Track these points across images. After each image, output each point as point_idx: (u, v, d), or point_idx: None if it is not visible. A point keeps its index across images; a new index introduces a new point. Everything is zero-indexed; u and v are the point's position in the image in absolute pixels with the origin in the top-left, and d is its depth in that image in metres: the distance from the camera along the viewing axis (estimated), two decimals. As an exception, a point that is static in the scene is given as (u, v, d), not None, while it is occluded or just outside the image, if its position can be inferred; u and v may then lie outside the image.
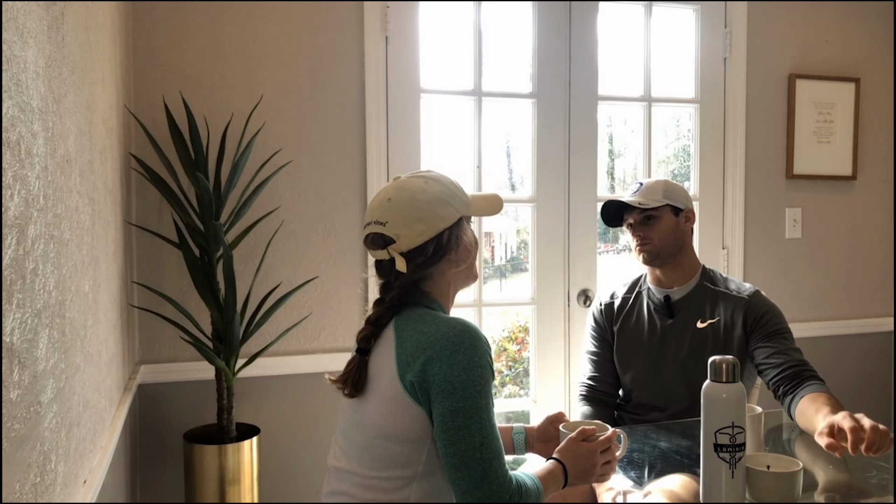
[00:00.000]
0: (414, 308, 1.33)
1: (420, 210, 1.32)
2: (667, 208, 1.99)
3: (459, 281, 1.42)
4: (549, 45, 2.74)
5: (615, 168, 3.23)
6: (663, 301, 2.02)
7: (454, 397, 1.20)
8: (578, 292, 2.80)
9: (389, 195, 1.34)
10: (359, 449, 1.30)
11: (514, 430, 1.59)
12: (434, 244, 1.33)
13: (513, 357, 3.89)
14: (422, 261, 1.33)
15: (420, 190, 1.33)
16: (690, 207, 2.04)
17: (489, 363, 1.25)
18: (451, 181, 1.39)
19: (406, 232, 1.31)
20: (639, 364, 2.02)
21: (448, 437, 1.21)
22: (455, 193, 1.37)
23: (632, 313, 2.07)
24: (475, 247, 1.42)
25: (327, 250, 2.48)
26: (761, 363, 1.88)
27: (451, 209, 1.35)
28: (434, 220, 1.32)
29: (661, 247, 1.98)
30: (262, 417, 2.41)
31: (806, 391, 1.73)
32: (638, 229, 2.00)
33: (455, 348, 1.22)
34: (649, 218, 1.99)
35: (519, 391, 3.68)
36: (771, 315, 1.93)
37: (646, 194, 1.99)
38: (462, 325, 1.26)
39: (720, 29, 2.93)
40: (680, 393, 1.95)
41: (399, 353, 1.27)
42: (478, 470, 1.19)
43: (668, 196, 1.99)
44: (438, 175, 1.39)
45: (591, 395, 2.07)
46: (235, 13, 2.38)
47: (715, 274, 2.06)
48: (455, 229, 1.35)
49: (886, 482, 1.47)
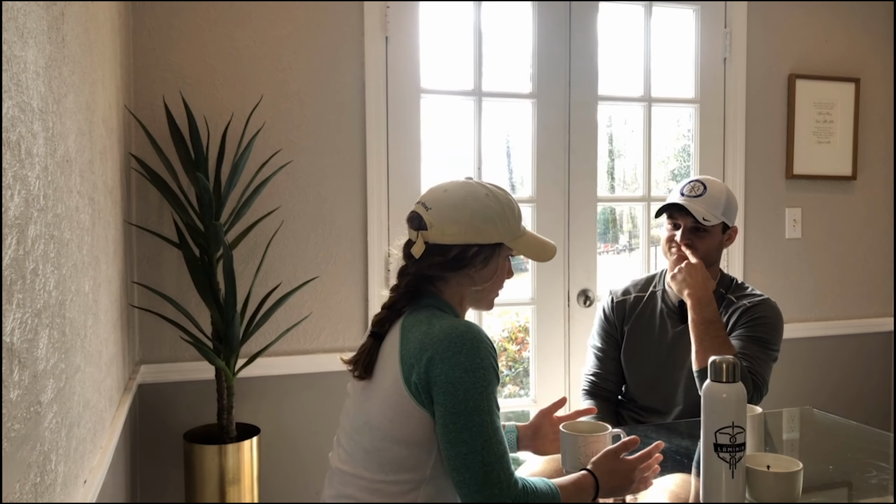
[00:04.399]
0: (425, 307, 1.31)
1: (462, 213, 1.30)
2: (720, 225, 1.93)
3: (472, 299, 1.38)
4: (549, 45, 2.74)
5: (615, 168, 3.23)
6: (677, 306, 1.99)
7: (455, 398, 1.19)
8: (578, 292, 2.80)
9: (448, 187, 1.34)
10: (364, 452, 1.28)
11: (505, 428, 1.56)
12: (458, 252, 1.30)
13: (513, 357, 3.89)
14: (440, 260, 1.31)
15: (475, 197, 1.31)
16: (736, 226, 1.98)
17: (492, 365, 1.23)
18: (511, 206, 1.34)
19: (439, 226, 1.30)
20: (645, 366, 2.01)
21: (449, 439, 1.20)
22: (507, 218, 1.33)
23: (643, 314, 2.05)
24: (500, 278, 1.37)
25: (327, 250, 2.48)
26: None
27: (493, 230, 1.31)
28: (470, 229, 1.30)
29: (703, 259, 1.91)
30: (262, 417, 2.41)
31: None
32: (687, 236, 1.92)
33: (457, 349, 1.21)
34: (701, 230, 1.92)
35: (519, 391, 3.68)
36: (761, 321, 1.88)
37: (708, 206, 1.90)
38: (466, 326, 1.25)
39: (720, 29, 2.93)
40: (684, 399, 1.94)
41: (403, 355, 1.25)
42: (479, 472, 1.18)
43: (726, 213, 1.92)
44: (504, 195, 1.35)
45: (593, 390, 2.06)
46: (235, 13, 2.38)
47: (734, 282, 2.01)
48: (486, 250, 1.32)
49: (886, 482, 1.47)
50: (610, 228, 3.42)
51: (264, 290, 2.34)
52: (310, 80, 2.45)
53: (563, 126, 2.76)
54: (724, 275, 2.03)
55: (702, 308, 1.82)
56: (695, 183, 1.95)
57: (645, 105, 2.87)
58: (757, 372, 1.81)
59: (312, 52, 2.46)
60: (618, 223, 3.45)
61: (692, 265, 1.88)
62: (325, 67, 2.47)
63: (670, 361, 1.97)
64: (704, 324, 1.80)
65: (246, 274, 2.36)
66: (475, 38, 2.67)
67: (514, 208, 1.36)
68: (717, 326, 1.80)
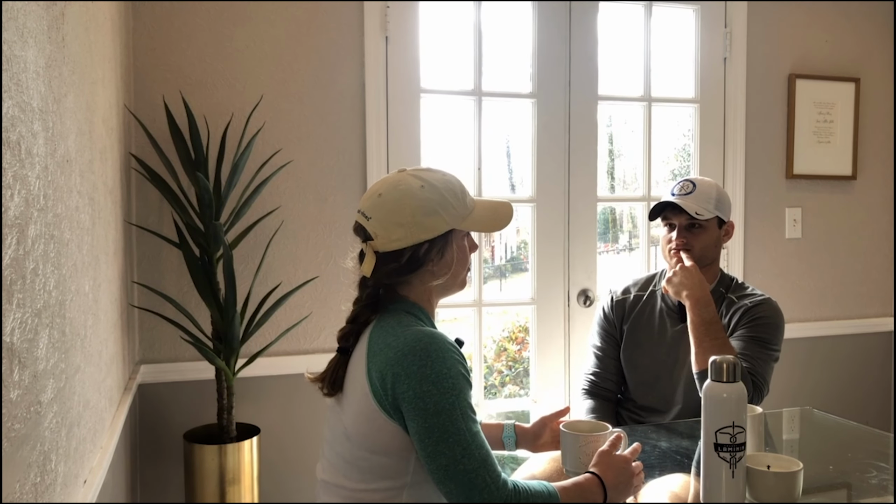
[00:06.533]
0: (392, 314, 1.28)
1: (403, 215, 1.25)
2: (714, 219, 1.94)
3: (441, 290, 1.34)
4: (549, 45, 2.74)
5: (615, 168, 3.23)
6: (677, 305, 1.99)
7: (427, 413, 1.15)
8: (578, 292, 2.80)
9: (381, 190, 1.28)
10: (345, 462, 1.27)
11: (504, 427, 1.55)
12: (409, 254, 1.26)
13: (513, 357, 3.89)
14: (394, 267, 1.27)
15: (410, 194, 1.26)
16: (732, 221, 1.99)
17: (461, 372, 1.19)
18: (451, 189, 1.29)
19: (384, 234, 1.26)
20: (645, 366, 2.01)
21: (428, 454, 1.16)
22: (449, 203, 1.27)
23: (643, 313, 2.04)
24: (463, 260, 1.33)
25: (327, 250, 2.48)
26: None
27: (440, 220, 1.26)
28: (415, 229, 1.25)
29: (700, 257, 1.92)
30: (262, 417, 2.41)
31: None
32: (682, 234, 1.93)
33: (422, 363, 1.17)
34: (696, 226, 1.93)
35: (519, 391, 3.68)
36: (762, 321, 1.88)
37: (699, 201, 1.91)
38: (428, 336, 1.20)
39: (720, 29, 2.93)
40: (683, 399, 1.94)
41: (369, 368, 1.23)
42: (464, 481, 1.15)
43: (718, 208, 1.93)
44: (441, 179, 1.30)
45: (593, 389, 2.06)
46: (235, 13, 2.38)
47: (734, 282, 2.01)
48: (438, 242, 1.28)
49: (886, 482, 1.47)
50: (610, 228, 3.42)
51: (264, 290, 2.34)
52: (310, 80, 2.45)
53: (563, 126, 2.76)
54: (724, 275, 2.02)
55: (701, 309, 1.82)
56: (684, 182, 1.96)
57: (645, 105, 2.87)
58: (757, 372, 1.81)
59: (312, 52, 2.46)
60: (618, 223, 3.45)
61: (686, 268, 1.88)
62: (325, 67, 2.47)
63: (670, 361, 1.97)
64: (704, 325, 1.80)
65: (246, 274, 2.36)
66: (475, 38, 2.67)
67: (456, 189, 1.30)
68: (717, 327, 1.80)
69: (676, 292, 1.89)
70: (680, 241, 1.93)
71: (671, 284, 1.90)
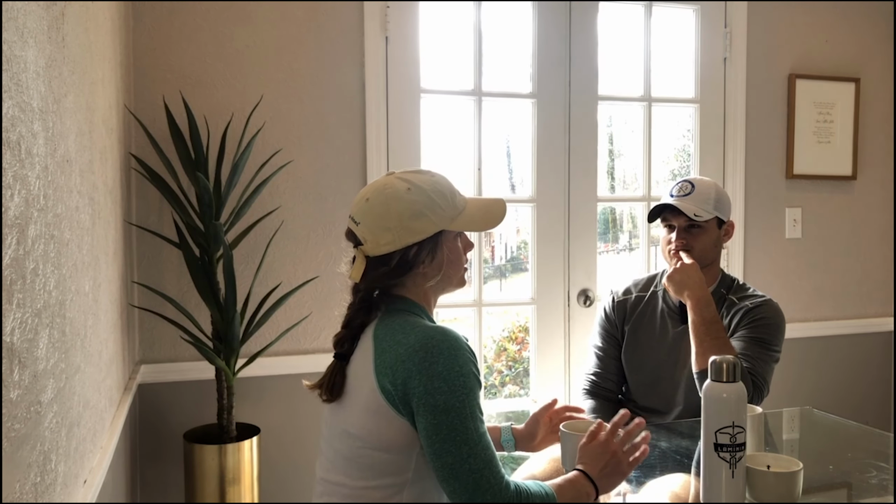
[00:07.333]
0: (394, 313, 1.28)
1: (390, 219, 1.25)
2: (714, 220, 1.94)
3: (437, 289, 1.34)
4: (549, 45, 2.74)
5: (615, 168, 3.23)
6: (678, 305, 1.99)
7: (436, 410, 1.16)
8: (578, 292, 2.80)
9: (369, 195, 1.28)
10: (344, 459, 1.27)
11: (501, 433, 1.55)
12: (399, 257, 1.26)
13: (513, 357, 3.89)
14: (385, 271, 1.27)
15: (397, 198, 1.25)
16: (731, 220, 1.99)
17: (472, 371, 1.20)
18: (439, 190, 1.28)
19: (372, 239, 1.26)
20: (646, 367, 2.01)
21: (434, 451, 1.17)
22: (437, 205, 1.26)
23: (644, 314, 2.04)
24: (456, 260, 1.32)
25: (327, 250, 2.48)
26: None
27: (428, 222, 1.26)
28: (403, 233, 1.25)
29: (700, 257, 1.91)
30: (262, 417, 2.41)
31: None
32: (682, 235, 1.93)
33: (434, 359, 1.17)
34: (695, 227, 1.93)
35: (519, 391, 3.68)
36: (762, 322, 1.88)
37: (698, 202, 1.91)
38: (441, 333, 1.21)
39: (720, 29, 2.93)
40: (684, 399, 1.94)
41: (378, 365, 1.23)
42: (468, 481, 1.15)
43: (717, 208, 1.92)
44: (429, 180, 1.29)
45: (594, 390, 2.06)
46: (235, 13, 2.38)
47: (735, 283, 2.01)
48: (428, 244, 1.27)
49: (886, 482, 1.47)
50: (610, 228, 3.42)
51: (264, 290, 2.34)
52: (310, 80, 2.45)
53: (563, 126, 2.76)
54: (725, 275, 2.02)
55: (701, 308, 1.82)
56: (683, 183, 1.96)
57: (645, 105, 2.87)
58: (758, 373, 1.81)
59: (312, 52, 2.46)
60: (618, 223, 3.45)
61: (687, 266, 1.88)
62: (325, 67, 2.47)
63: (671, 361, 1.97)
64: (705, 325, 1.80)
65: (246, 274, 2.36)
66: (475, 38, 2.67)
67: (444, 190, 1.29)
68: (718, 327, 1.80)
69: (677, 290, 1.88)
70: (679, 242, 1.93)
71: (672, 282, 1.90)
